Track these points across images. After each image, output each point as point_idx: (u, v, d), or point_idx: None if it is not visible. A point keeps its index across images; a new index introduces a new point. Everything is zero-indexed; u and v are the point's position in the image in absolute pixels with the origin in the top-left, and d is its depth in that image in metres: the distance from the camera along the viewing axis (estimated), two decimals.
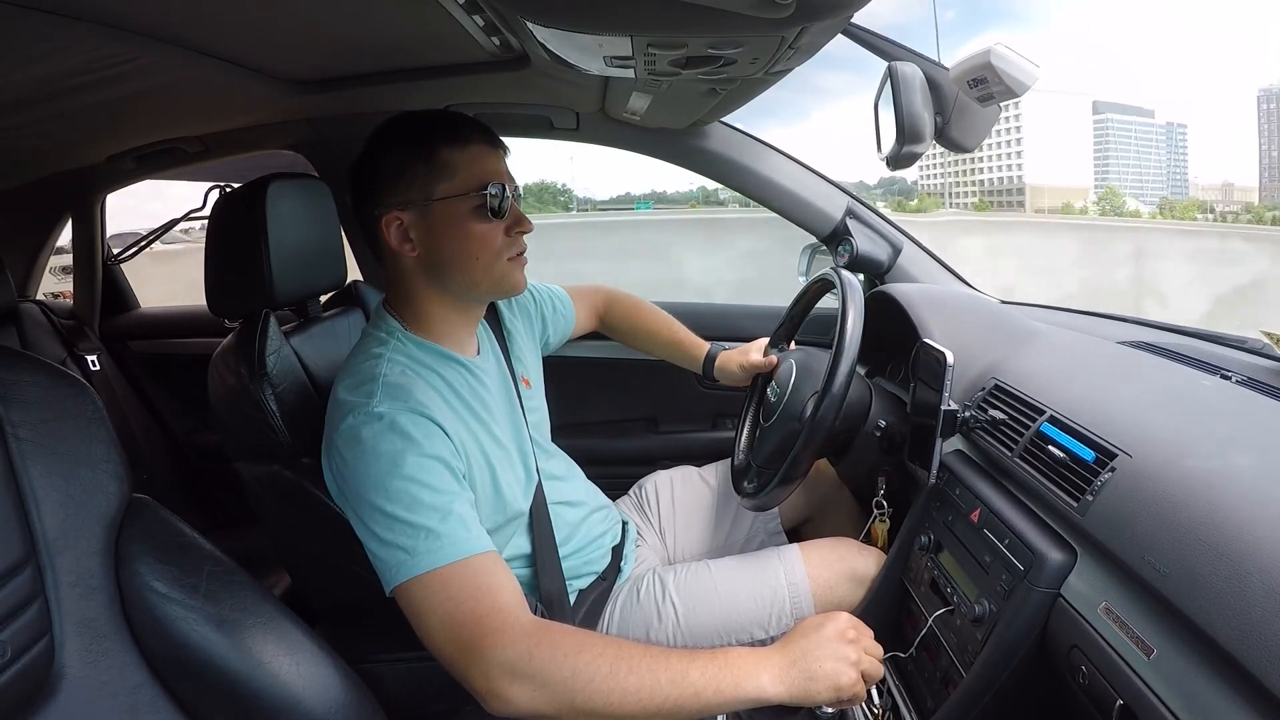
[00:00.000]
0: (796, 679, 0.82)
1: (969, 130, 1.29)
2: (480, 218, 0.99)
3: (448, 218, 0.99)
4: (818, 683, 0.82)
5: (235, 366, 1.08)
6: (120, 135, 1.75)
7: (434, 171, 0.98)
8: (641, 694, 0.78)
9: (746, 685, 0.81)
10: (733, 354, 1.44)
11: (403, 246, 1.01)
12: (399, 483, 0.86)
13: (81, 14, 0.92)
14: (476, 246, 1.00)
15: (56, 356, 2.00)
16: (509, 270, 1.04)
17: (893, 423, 1.24)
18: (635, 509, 1.49)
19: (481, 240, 1.00)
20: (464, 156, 0.99)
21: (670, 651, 0.83)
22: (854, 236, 1.66)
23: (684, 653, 0.83)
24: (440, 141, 0.99)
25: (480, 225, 1.00)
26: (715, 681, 0.80)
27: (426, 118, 1.02)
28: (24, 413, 0.67)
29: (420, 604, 0.83)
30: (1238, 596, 0.63)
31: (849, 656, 0.84)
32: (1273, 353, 1.11)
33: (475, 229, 1.00)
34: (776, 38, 0.83)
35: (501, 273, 1.03)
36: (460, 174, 0.99)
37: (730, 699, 0.80)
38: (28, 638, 0.62)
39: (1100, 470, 0.85)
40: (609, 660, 0.79)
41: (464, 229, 1.00)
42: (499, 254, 1.02)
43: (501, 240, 1.02)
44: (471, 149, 1.00)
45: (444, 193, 0.99)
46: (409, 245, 1.01)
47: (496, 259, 1.02)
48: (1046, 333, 1.33)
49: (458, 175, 0.99)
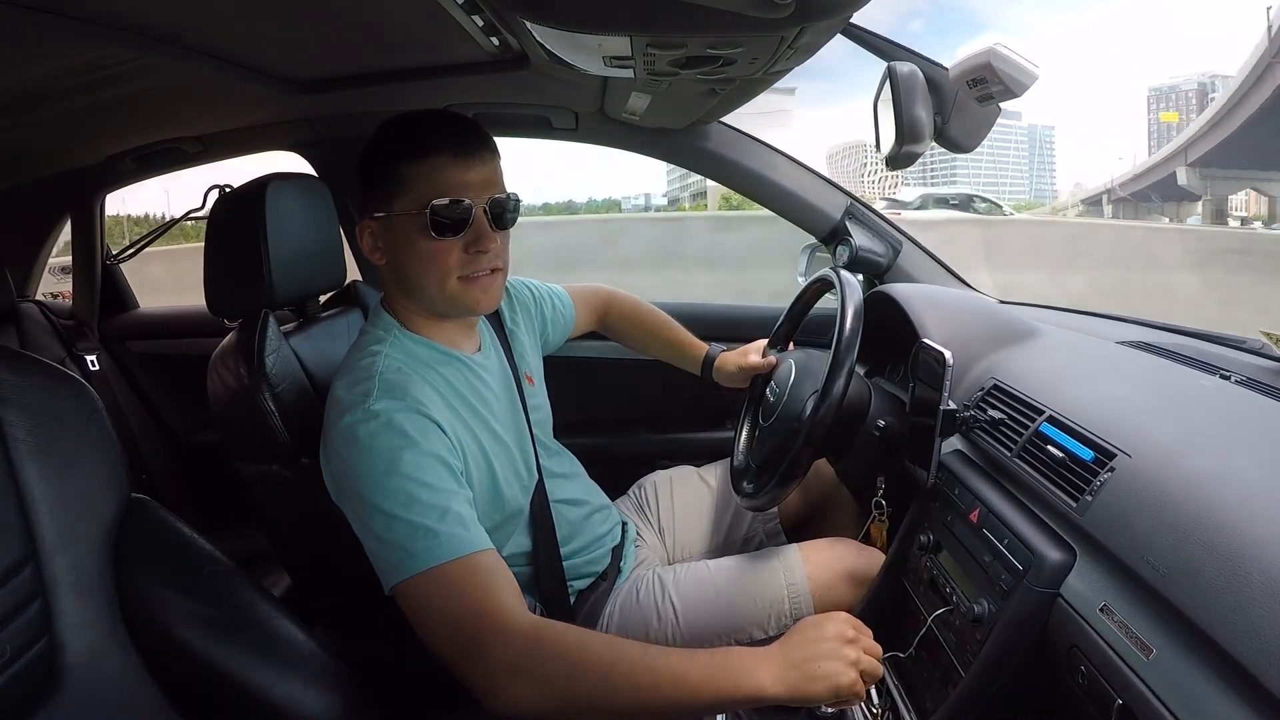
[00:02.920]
0: (795, 679, 0.82)
1: (968, 130, 1.29)
2: (428, 235, 0.96)
3: (403, 233, 0.98)
4: (817, 683, 0.82)
5: (234, 366, 1.08)
6: (120, 135, 1.76)
7: (392, 184, 0.97)
8: (640, 693, 0.78)
9: (745, 685, 0.80)
10: (731, 355, 1.44)
11: (373, 255, 1.02)
12: (397, 481, 0.86)
13: (81, 15, 0.92)
14: (426, 264, 0.98)
15: (56, 356, 2.00)
16: (462, 291, 1.00)
17: (892, 423, 1.24)
18: (634, 509, 1.49)
19: (430, 258, 0.97)
20: (420, 170, 0.96)
21: (669, 651, 0.82)
22: (853, 236, 1.66)
23: (683, 652, 0.83)
24: (398, 154, 0.97)
25: (429, 243, 0.96)
26: (714, 681, 0.79)
27: (397, 126, 0.99)
28: (23, 413, 0.67)
29: (419, 603, 0.83)
30: (1237, 596, 0.63)
31: (848, 657, 0.84)
32: (1272, 353, 1.11)
33: (424, 246, 0.97)
34: (776, 38, 0.83)
35: (453, 293, 1.00)
36: (414, 189, 0.96)
37: (729, 698, 0.80)
38: (27, 638, 0.62)
39: (1099, 470, 0.85)
40: (608, 660, 0.79)
41: (415, 246, 0.97)
42: (449, 273, 0.98)
43: (456, 258, 0.98)
44: (430, 161, 0.96)
45: (400, 208, 0.97)
46: (378, 254, 1.01)
47: (446, 278, 0.99)
48: (1045, 332, 1.33)
49: (411, 190, 0.96)
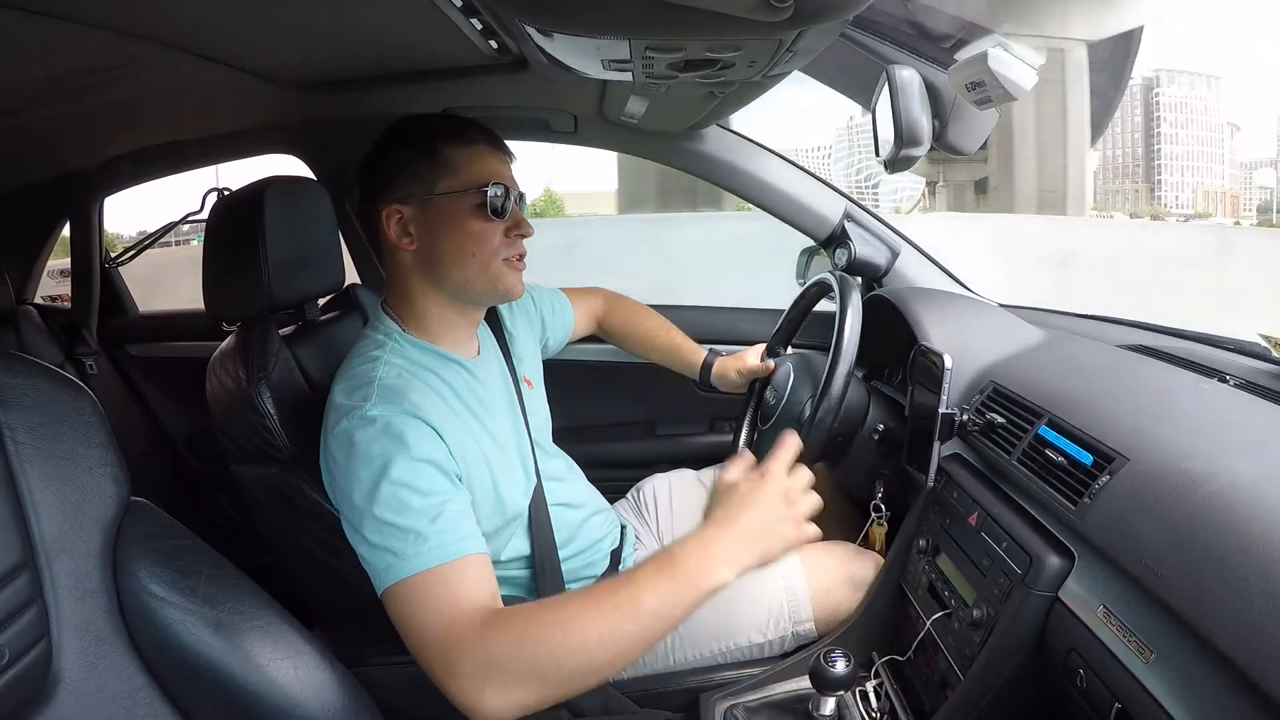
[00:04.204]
0: (751, 557, 0.82)
1: (967, 133, 1.30)
2: (479, 216, 1.00)
3: (447, 214, 1.00)
4: (773, 551, 0.83)
5: (233, 370, 1.08)
6: (119, 138, 1.76)
7: (436, 167, 1.00)
8: (606, 641, 0.76)
9: (703, 584, 0.79)
10: (730, 360, 1.44)
11: (401, 240, 1.01)
12: (388, 487, 0.86)
13: (81, 17, 0.92)
14: (473, 244, 1.01)
15: (55, 360, 2.00)
16: (504, 272, 1.03)
17: (891, 426, 1.24)
18: (633, 512, 1.49)
19: (479, 238, 1.01)
20: (466, 154, 1.01)
21: (616, 584, 0.80)
22: (852, 240, 1.66)
23: (628, 580, 0.80)
24: (443, 139, 1.01)
25: (479, 223, 1.00)
26: (671, 595, 0.78)
27: (432, 118, 1.04)
28: (22, 416, 0.67)
29: (402, 612, 0.83)
30: (1236, 599, 0.63)
31: (793, 513, 0.84)
32: (1271, 356, 1.11)
33: (474, 226, 1.00)
34: (774, 41, 0.83)
35: (497, 273, 1.03)
36: (462, 171, 1.00)
37: (694, 601, 0.79)
38: (25, 641, 0.62)
39: (1099, 474, 0.85)
40: (560, 623, 0.77)
41: (462, 226, 1.00)
42: (495, 254, 1.02)
43: (499, 241, 1.02)
44: (475, 148, 1.01)
45: (445, 189, 1.00)
46: (407, 239, 1.01)
47: (493, 258, 1.02)
48: (1045, 336, 1.34)
49: (459, 172, 1.00)
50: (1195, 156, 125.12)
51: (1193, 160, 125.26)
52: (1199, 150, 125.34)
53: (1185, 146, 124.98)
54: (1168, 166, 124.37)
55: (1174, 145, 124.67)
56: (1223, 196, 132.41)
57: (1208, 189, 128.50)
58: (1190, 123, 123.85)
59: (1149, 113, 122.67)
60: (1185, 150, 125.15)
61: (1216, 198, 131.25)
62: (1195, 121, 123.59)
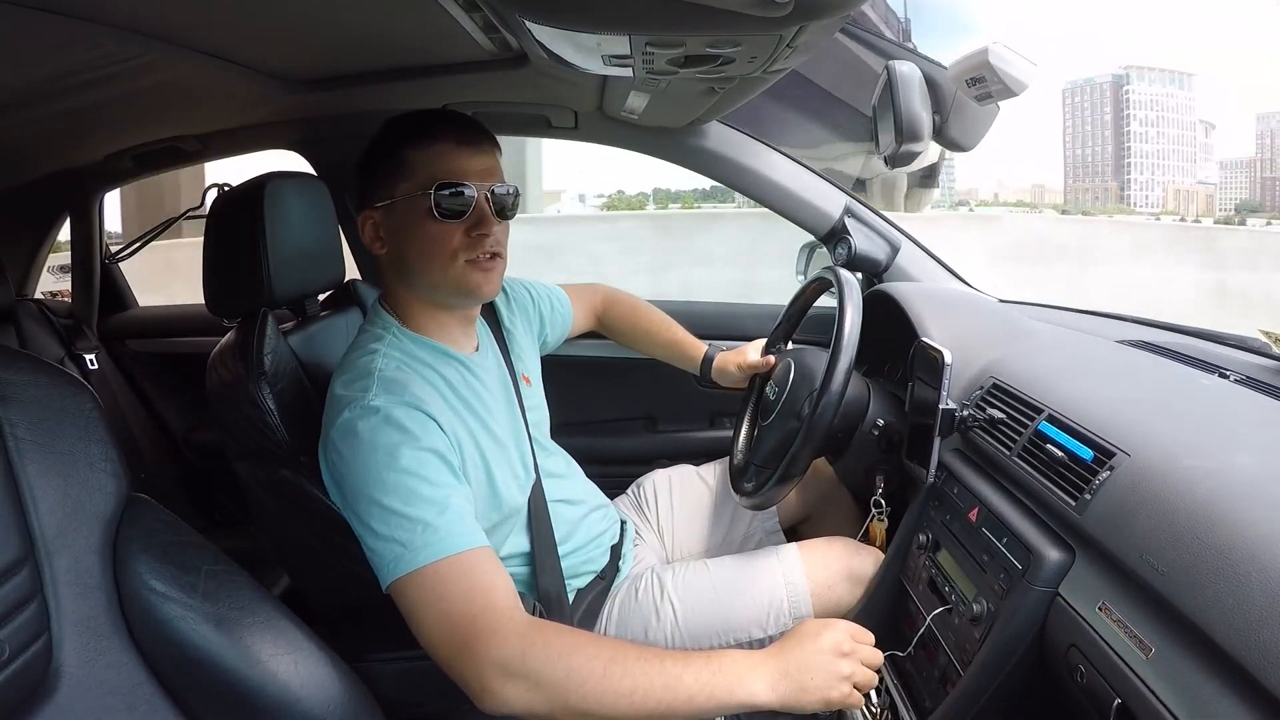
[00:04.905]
0: (789, 689, 0.83)
1: (967, 129, 1.30)
2: (432, 217, 0.97)
3: (406, 217, 0.99)
4: (809, 694, 0.83)
5: (233, 365, 1.08)
6: (118, 134, 1.75)
7: (395, 170, 0.99)
8: (635, 696, 0.78)
9: (739, 691, 0.81)
10: (730, 355, 1.44)
11: (374, 245, 1.02)
12: (396, 476, 0.86)
13: (81, 13, 0.92)
14: (430, 247, 0.99)
15: (54, 355, 1.99)
16: (465, 273, 1.00)
17: (891, 422, 1.24)
18: (633, 508, 1.49)
19: (434, 241, 0.98)
20: (424, 155, 0.98)
21: (665, 654, 0.83)
22: (852, 235, 1.66)
23: (678, 655, 0.83)
24: (404, 140, 0.99)
25: (433, 225, 0.98)
26: (709, 686, 0.80)
27: (403, 118, 1.02)
28: (22, 411, 0.67)
29: (415, 601, 0.83)
30: (1236, 595, 0.63)
31: (841, 671, 0.84)
32: (1271, 352, 1.11)
33: (429, 229, 0.98)
34: (775, 36, 0.82)
35: (458, 276, 1.00)
36: (419, 173, 0.98)
37: (723, 703, 0.81)
38: (26, 636, 0.62)
39: (1099, 469, 0.85)
40: (603, 662, 0.79)
41: (419, 229, 0.98)
42: (453, 256, 0.99)
43: (459, 241, 0.98)
44: (435, 147, 0.98)
45: (403, 192, 0.98)
46: (379, 243, 1.02)
47: (451, 261, 0.99)
48: (1045, 331, 1.33)
49: (416, 174, 0.98)
50: (1167, 155, 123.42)
51: (1163, 159, 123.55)
52: (1171, 149, 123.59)
53: (1156, 145, 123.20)
54: (1137, 165, 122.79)
55: (1144, 144, 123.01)
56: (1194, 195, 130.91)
57: (1179, 187, 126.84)
58: (1161, 120, 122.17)
59: (1118, 110, 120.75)
60: (1156, 149, 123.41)
61: (1189, 196, 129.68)
62: (1166, 119, 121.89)
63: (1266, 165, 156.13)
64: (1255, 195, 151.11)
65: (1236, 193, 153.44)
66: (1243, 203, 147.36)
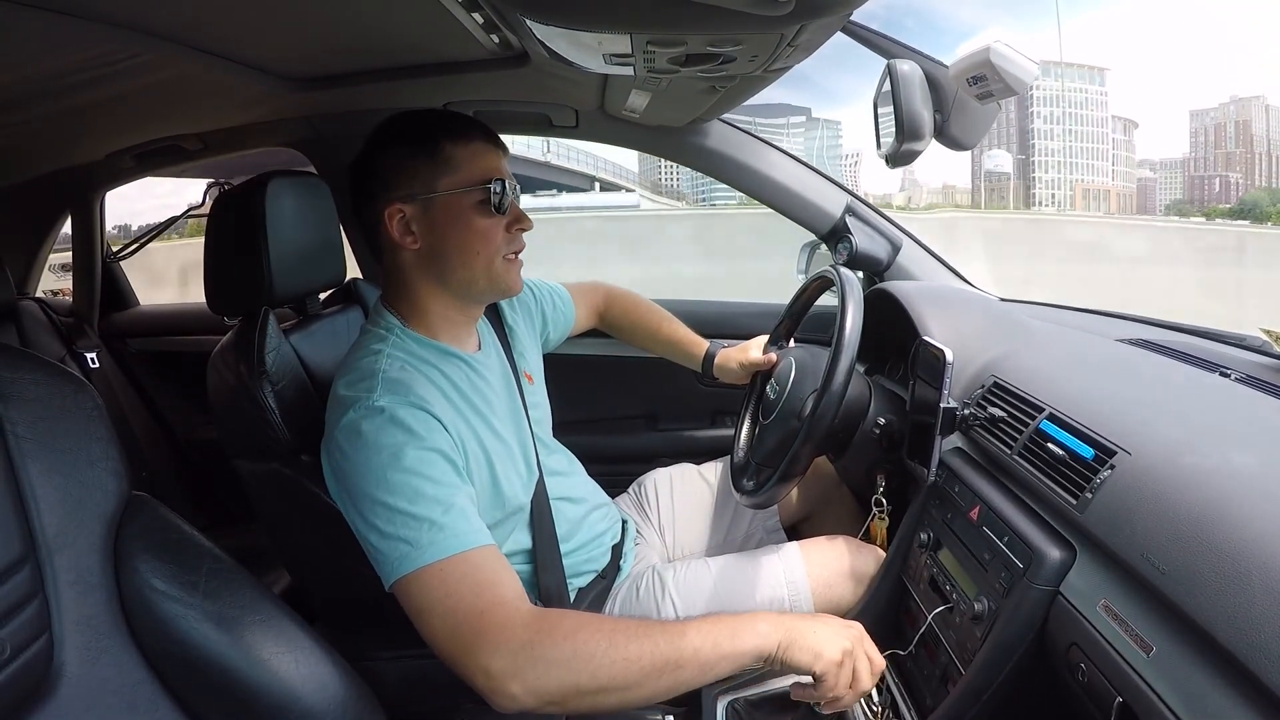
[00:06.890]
0: (789, 633, 0.84)
1: (968, 128, 1.29)
2: (482, 212, 1.00)
3: (450, 211, 1.00)
4: (807, 641, 0.84)
5: (234, 364, 1.08)
6: (120, 133, 1.75)
7: (437, 165, 1.00)
8: (643, 660, 0.79)
9: (742, 631, 0.83)
10: (732, 352, 1.44)
11: (404, 239, 1.01)
12: (400, 475, 0.87)
13: (81, 12, 0.92)
14: (477, 241, 1.01)
15: (56, 354, 2.00)
16: (506, 269, 1.04)
17: (892, 420, 1.24)
18: (634, 506, 1.49)
19: (483, 235, 1.01)
20: (466, 152, 1.01)
21: (666, 622, 0.86)
22: (853, 234, 1.66)
23: (679, 622, 0.85)
24: (443, 136, 1.00)
25: (482, 220, 1.01)
26: (712, 637, 0.82)
27: (428, 114, 1.04)
28: (23, 410, 0.67)
29: (421, 600, 0.83)
30: (1237, 594, 0.63)
31: (843, 643, 0.85)
32: (1272, 350, 1.11)
33: (477, 223, 1.01)
34: (776, 35, 0.82)
35: (499, 270, 1.04)
36: (463, 168, 1.00)
37: (729, 651, 0.82)
38: (27, 635, 0.62)
39: (1099, 468, 0.85)
40: (606, 634, 0.80)
41: (466, 223, 1.00)
42: (498, 250, 1.03)
43: (501, 237, 1.03)
44: (474, 145, 1.02)
45: (447, 186, 1.00)
46: (410, 238, 1.01)
47: (495, 255, 1.03)
48: (1046, 330, 1.33)
49: (460, 170, 1.00)
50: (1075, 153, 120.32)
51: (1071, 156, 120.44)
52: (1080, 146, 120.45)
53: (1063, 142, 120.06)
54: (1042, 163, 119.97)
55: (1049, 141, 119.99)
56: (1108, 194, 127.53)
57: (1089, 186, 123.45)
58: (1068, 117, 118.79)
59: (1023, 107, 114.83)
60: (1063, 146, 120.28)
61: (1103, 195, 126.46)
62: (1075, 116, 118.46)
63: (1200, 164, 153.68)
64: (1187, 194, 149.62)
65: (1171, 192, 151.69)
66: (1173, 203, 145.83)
